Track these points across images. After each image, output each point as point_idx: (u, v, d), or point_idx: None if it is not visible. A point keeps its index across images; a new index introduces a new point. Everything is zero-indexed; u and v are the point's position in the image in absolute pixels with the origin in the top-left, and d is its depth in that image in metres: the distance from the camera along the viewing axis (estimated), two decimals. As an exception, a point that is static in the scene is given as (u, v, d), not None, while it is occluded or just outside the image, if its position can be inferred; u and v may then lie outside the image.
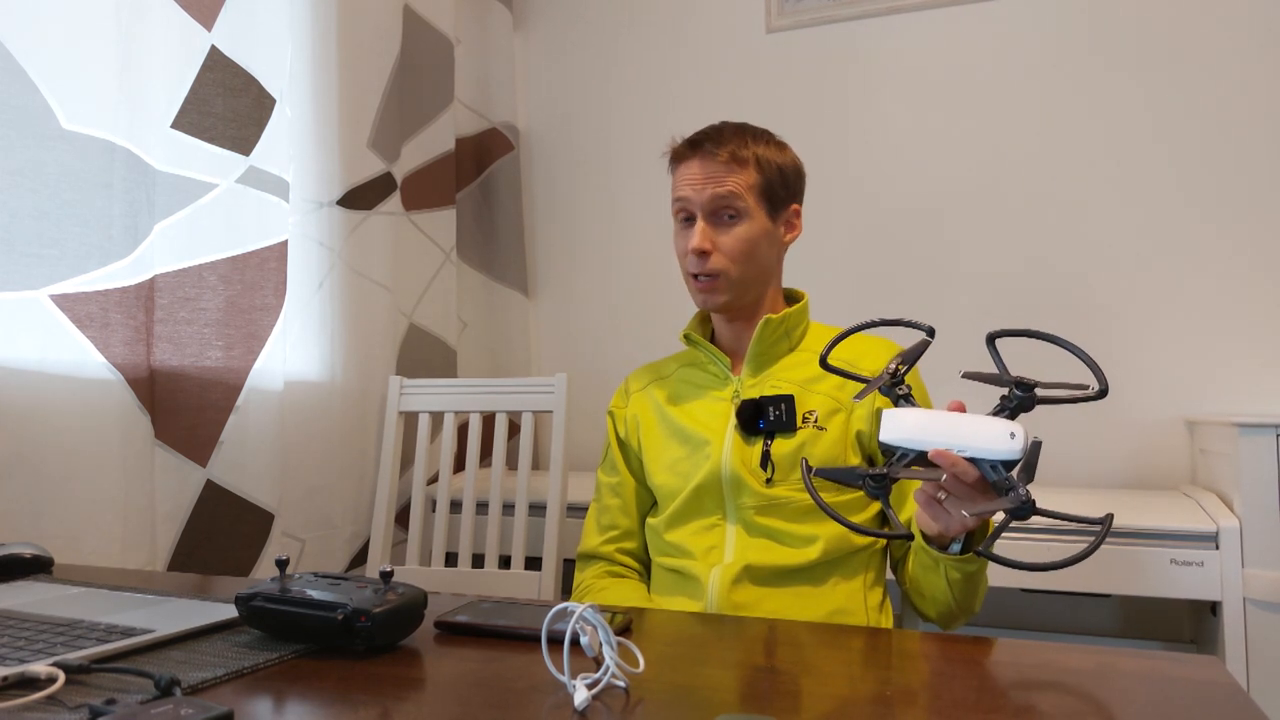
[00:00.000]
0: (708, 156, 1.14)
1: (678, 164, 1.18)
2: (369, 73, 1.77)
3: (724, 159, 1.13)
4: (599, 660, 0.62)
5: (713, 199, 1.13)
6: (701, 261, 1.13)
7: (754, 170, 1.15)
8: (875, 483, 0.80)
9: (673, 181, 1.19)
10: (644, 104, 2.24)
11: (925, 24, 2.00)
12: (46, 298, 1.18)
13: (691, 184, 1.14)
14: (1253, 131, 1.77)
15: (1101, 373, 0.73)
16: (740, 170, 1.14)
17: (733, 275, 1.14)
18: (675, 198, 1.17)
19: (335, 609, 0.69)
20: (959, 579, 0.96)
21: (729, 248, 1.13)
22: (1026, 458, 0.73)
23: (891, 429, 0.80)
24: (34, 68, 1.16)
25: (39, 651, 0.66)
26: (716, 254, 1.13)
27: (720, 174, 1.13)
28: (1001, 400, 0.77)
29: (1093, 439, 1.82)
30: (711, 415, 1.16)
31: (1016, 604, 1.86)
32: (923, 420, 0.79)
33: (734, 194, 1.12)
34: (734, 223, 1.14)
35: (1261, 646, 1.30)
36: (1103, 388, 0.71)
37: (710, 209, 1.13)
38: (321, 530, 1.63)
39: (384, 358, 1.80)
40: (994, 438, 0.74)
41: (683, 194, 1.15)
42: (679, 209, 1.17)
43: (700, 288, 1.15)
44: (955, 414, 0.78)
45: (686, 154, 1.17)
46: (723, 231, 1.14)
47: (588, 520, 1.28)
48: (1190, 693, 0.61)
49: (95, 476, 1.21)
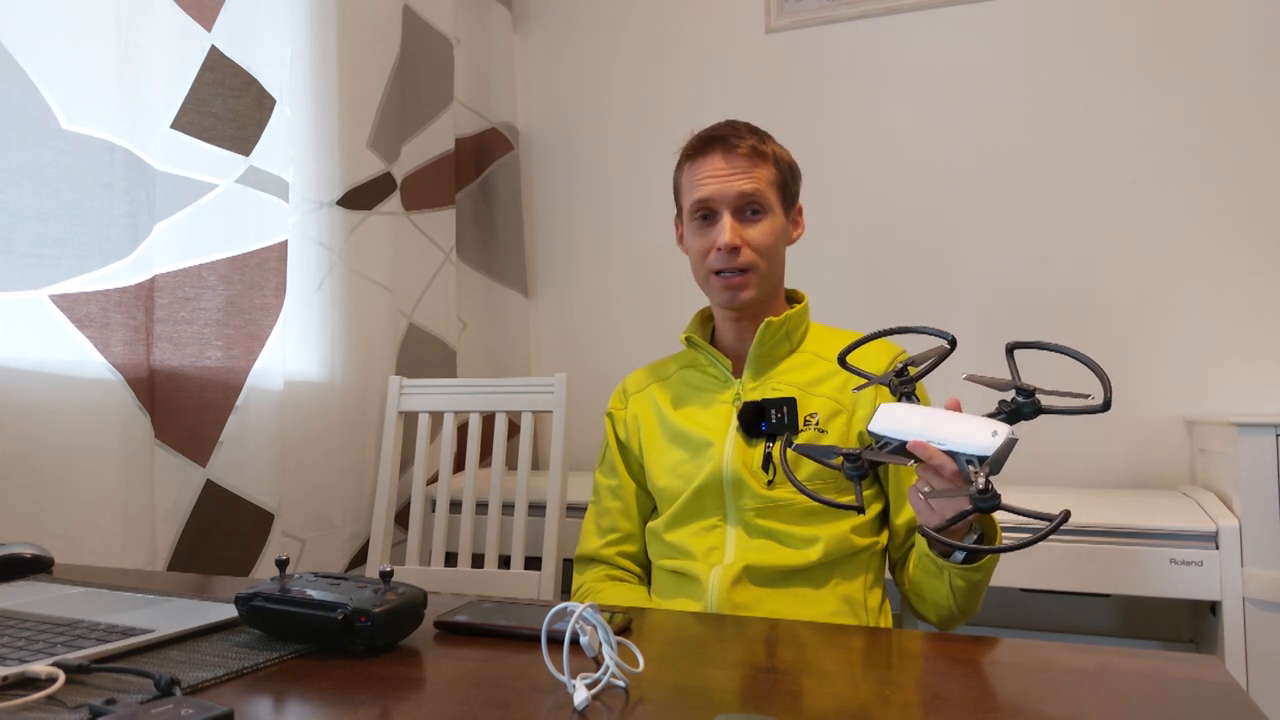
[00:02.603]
0: (730, 151, 1.12)
1: (695, 160, 1.15)
2: (369, 73, 1.77)
3: (745, 152, 1.12)
4: (599, 660, 0.62)
5: (740, 195, 1.11)
6: (732, 257, 1.11)
7: (772, 165, 1.15)
8: (850, 463, 0.80)
9: (686, 180, 1.16)
10: (644, 104, 2.24)
11: (925, 24, 2.00)
12: (46, 298, 1.18)
13: (716, 178, 1.12)
14: (1253, 132, 1.76)
15: (1110, 386, 0.73)
16: (762, 165, 1.13)
17: (761, 270, 1.13)
18: (696, 197, 1.14)
19: (335, 609, 0.69)
20: (963, 586, 0.96)
21: (757, 242, 1.12)
22: (995, 453, 0.73)
23: (880, 420, 0.82)
24: (34, 68, 1.16)
25: (39, 651, 0.66)
26: (746, 248, 1.12)
27: (745, 168, 1.12)
28: (1000, 404, 0.77)
29: (1093, 439, 1.83)
30: (713, 417, 1.16)
31: (1016, 604, 1.86)
32: (911, 414, 0.80)
33: (759, 189, 1.12)
34: (758, 218, 1.13)
35: (1261, 646, 1.30)
36: (1107, 400, 0.71)
37: (737, 205, 1.12)
38: (321, 530, 1.63)
39: (384, 358, 1.80)
40: (974, 434, 0.75)
41: (706, 190, 1.13)
42: (699, 207, 1.14)
43: (728, 284, 1.13)
44: (946, 412, 0.79)
45: (705, 149, 1.14)
46: (748, 226, 1.13)
47: (586, 522, 1.27)
48: (1190, 693, 0.61)
49: (95, 476, 1.21)
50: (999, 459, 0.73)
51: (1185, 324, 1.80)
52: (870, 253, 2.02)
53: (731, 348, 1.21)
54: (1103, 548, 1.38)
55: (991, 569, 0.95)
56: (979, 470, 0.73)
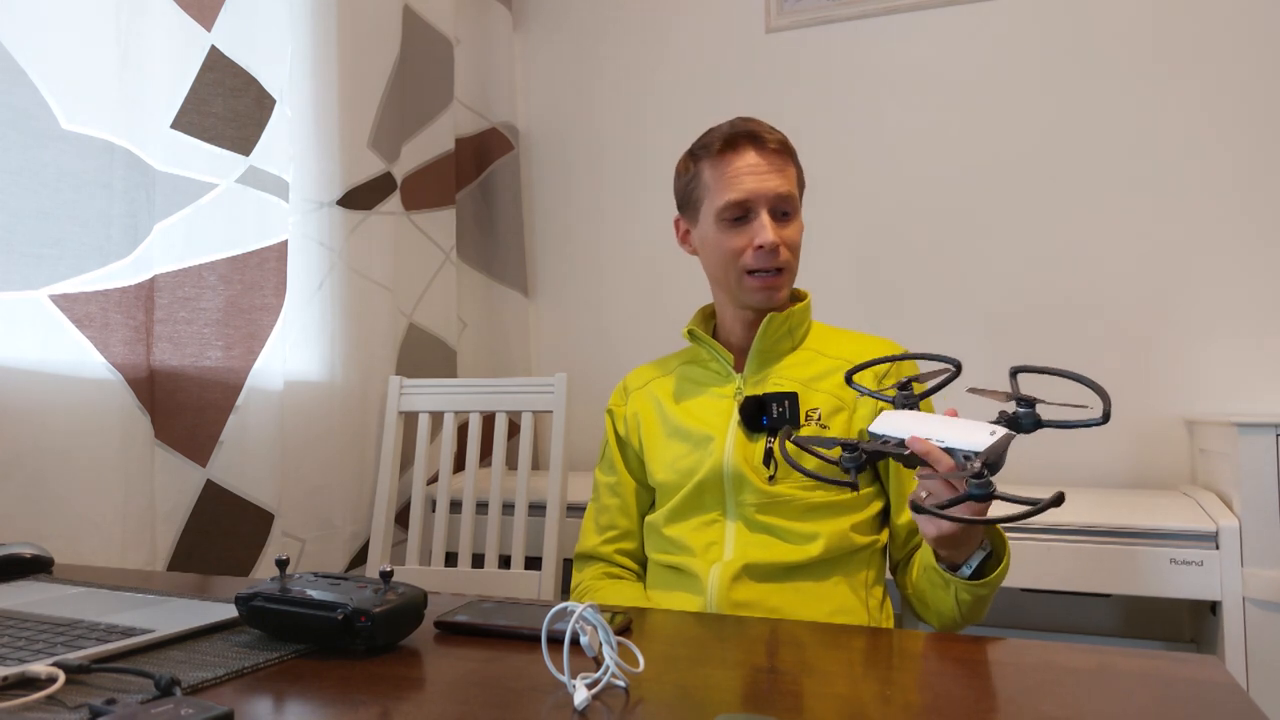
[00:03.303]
0: (763, 147, 1.11)
1: (725, 155, 1.11)
2: (369, 73, 1.77)
3: (776, 149, 1.12)
4: (599, 660, 0.62)
5: (777, 196, 1.10)
6: (772, 257, 1.10)
7: (795, 164, 1.15)
8: (848, 453, 0.81)
9: (713, 177, 1.12)
10: (643, 103, 2.24)
11: (925, 24, 2.00)
12: (46, 298, 1.18)
13: (754, 175, 1.09)
14: (1253, 132, 1.77)
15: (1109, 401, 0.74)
16: (790, 163, 1.14)
17: (794, 270, 1.14)
18: (733, 198, 1.09)
19: (335, 609, 0.69)
20: (969, 600, 0.95)
21: (792, 241, 1.12)
22: (991, 446, 0.74)
23: (880, 422, 0.85)
24: (34, 68, 1.16)
25: (39, 651, 0.66)
26: (782, 248, 1.11)
27: (779, 165, 1.11)
28: (1000, 414, 0.78)
29: (1093, 439, 1.82)
30: (714, 412, 1.16)
31: (1016, 604, 1.86)
32: (911, 418, 0.83)
33: (792, 190, 1.12)
34: (789, 218, 1.13)
35: (1261, 646, 1.30)
36: (1106, 413, 0.73)
37: (774, 204, 1.11)
38: (321, 530, 1.63)
39: (384, 358, 1.80)
40: (972, 432, 0.77)
41: (744, 187, 1.09)
42: (735, 206, 1.10)
43: (766, 284, 1.12)
44: (945, 417, 0.81)
45: (736, 145, 1.11)
46: (783, 226, 1.12)
47: (585, 520, 1.28)
48: (1190, 693, 0.61)
49: (95, 476, 1.21)
50: (995, 450, 0.74)
51: (1185, 324, 1.80)
52: (870, 253, 2.02)
53: (735, 344, 1.21)
54: (1103, 548, 1.38)
55: (998, 583, 0.94)
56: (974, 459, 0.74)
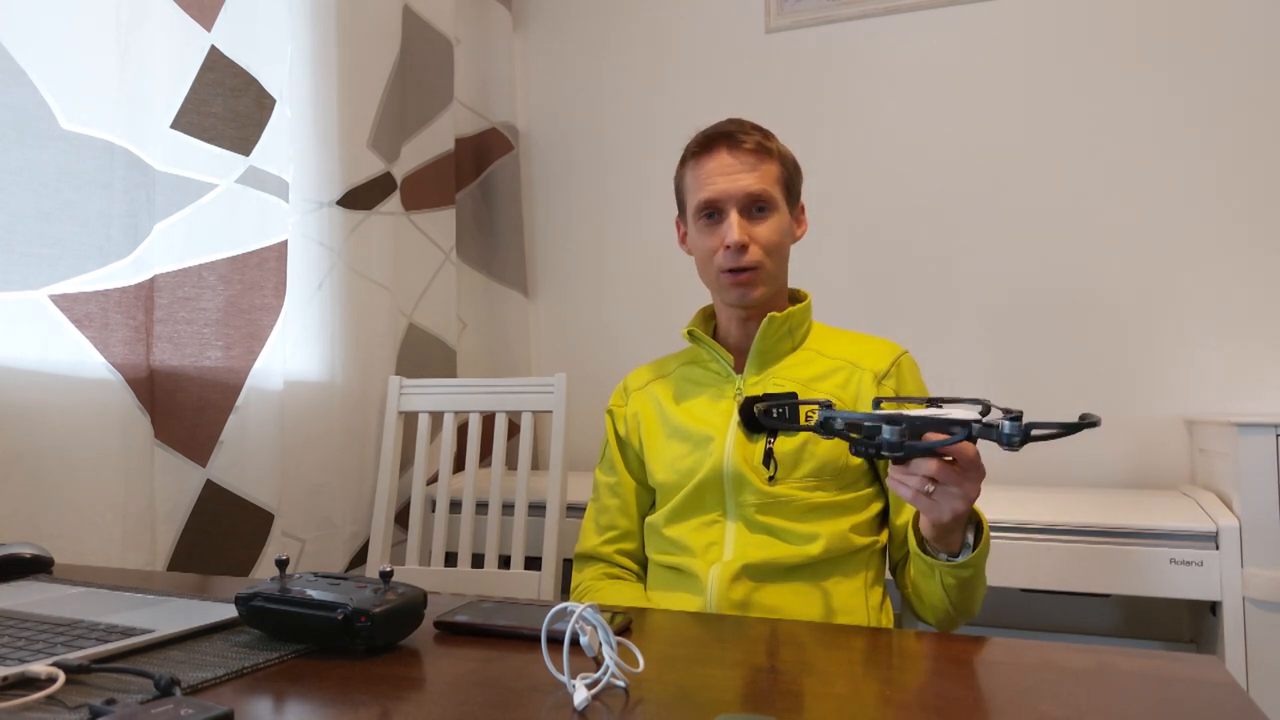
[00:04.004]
0: (735, 147, 1.12)
1: (700, 158, 1.14)
2: (369, 73, 1.77)
3: (751, 149, 1.12)
4: (599, 660, 0.62)
5: (747, 194, 1.11)
6: (739, 255, 1.11)
7: (777, 163, 1.15)
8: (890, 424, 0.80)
9: (691, 178, 1.16)
10: (643, 104, 2.24)
11: (925, 24, 2.00)
12: (46, 298, 1.18)
13: (724, 175, 1.11)
14: (1252, 131, 1.77)
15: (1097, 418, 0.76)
16: (768, 161, 1.13)
17: (769, 268, 1.13)
18: (703, 197, 1.13)
19: (335, 609, 0.69)
20: (954, 584, 0.96)
21: (765, 239, 1.12)
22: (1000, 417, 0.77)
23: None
24: (34, 68, 1.16)
25: (39, 651, 0.66)
26: (753, 246, 1.11)
27: (751, 164, 1.12)
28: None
29: (1092, 438, 1.82)
30: (714, 412, 1.16)
31: (1016, 604, 1.86)
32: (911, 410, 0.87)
33: (765, 187, 1.12)
34: (764, 216, 1.13)
35: (1261, 646, 1.30)
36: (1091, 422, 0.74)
37: (744, 203, 1.12)
38: (321, 530, 1.63)
39: (384, 358, 1.80)
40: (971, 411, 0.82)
41: (713, 188, 1.12)
42: (705, 206, 1.13)
43: (738, 281, 1.13)
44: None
45: (710, 146, 1.13)
46: (756, 224, 1.12)
47: (586, 520, 1.28)
48: (1190, 693, 0.61)
49: (95, 476, 1.21)
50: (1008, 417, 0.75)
51: (1185, 324, 1.80)
52: (869, 253, 2.02)
53: (734, 344, 1.21)
54: (1103, 548, 1.38)
55: (980, 565, 0.96)
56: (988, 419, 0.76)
